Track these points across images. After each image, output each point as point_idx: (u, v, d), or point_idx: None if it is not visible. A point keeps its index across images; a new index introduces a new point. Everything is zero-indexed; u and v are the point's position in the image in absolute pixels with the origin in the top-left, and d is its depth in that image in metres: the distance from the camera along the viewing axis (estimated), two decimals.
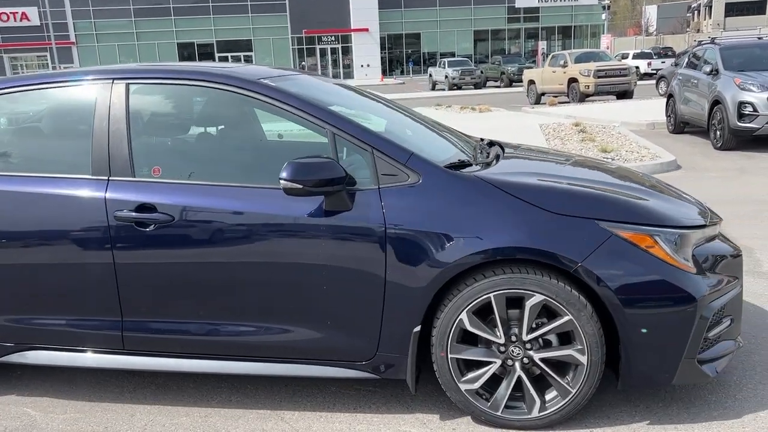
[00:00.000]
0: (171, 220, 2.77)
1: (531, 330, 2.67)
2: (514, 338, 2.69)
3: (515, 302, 2.65)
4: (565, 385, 2.67)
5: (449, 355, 2.72)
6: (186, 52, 47.83)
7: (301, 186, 2.56)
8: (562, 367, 2.70)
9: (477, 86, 33.70)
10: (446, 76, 33.55)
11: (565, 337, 2.68)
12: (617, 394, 2.97)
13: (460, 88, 33.67)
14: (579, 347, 2.63)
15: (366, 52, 48.40)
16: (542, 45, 46.62)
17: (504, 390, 2.73)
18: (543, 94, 22.43)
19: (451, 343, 2.70)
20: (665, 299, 2.60)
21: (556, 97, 21.41)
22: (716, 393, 2.98)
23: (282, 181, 2.57)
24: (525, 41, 52.35)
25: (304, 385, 3.15)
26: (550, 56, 23.88)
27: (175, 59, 47.26)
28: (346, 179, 2.67)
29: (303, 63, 48.22)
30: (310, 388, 3.14)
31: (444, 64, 34.41)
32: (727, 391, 2.99)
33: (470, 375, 2.74)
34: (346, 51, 49.43)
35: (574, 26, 52.34)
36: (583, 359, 2.63)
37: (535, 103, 22.10)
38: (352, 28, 47.95)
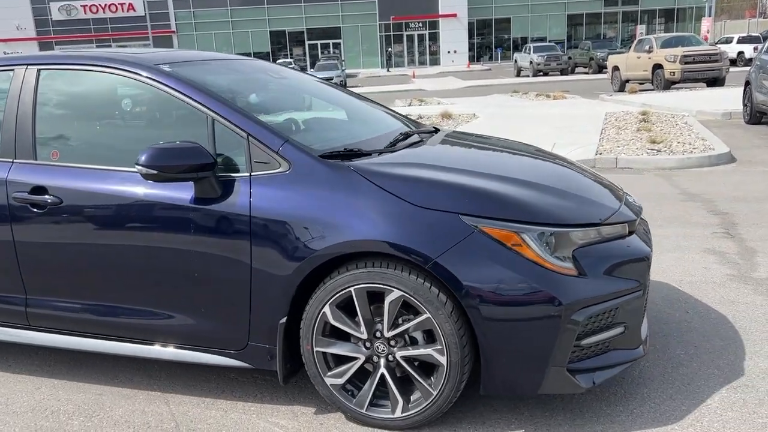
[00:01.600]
0: (60, 202, 2.85)
1: (392, 327, 2.55)
2: (378, 334, 2.58)
3: (378, 297, 2.54)
4: (427, 386, 2.54)
5: (315, 349, 2.65)
6: (278, 40, 49.08)
7: (155, 172, 2.56)
8: (428, 367, 2.58)
9: (563, 72, 32.59)
10: (531, 62, 32.64)
11: (430, 336, 2.54)
12: (506, 400, 2.80)
13: (546, 74, 32.69)
14: (438, 347, 2.49)
15: (453, 38, 47.80)
16: (641, 29, 44.31)
17: (368, 387, 2.63)
18: (627, 81, 21.31)
19: (316, 336, 2.63)
20: (528, 302, 2.40)
21: (641, 84, 20.36)
22: (615, 404, 2.74)
23: (137, 167, 2.57)
24: (622, 25, 49.89)
25: (201, 372, 3.17)
26: (636, 41, 22.66)
27: (267, 47, 48.67)
28: (215, 165, 2.64)
29: (389, 49, 48.28)
30: (207, 374, 3.16)
31: (529, 50, 33.48)
32: (626, 404, 2.75)
33: (337, 370, 2.66)
34: (434, 37, 49.01)
35: (677, 9, 49.33)
36: (443, 360, 2.49)
37: (619, 91, 21.05)
38: (440, 13, 47.45)
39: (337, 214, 2.53)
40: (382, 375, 2.60)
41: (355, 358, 2.63)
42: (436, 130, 3.74)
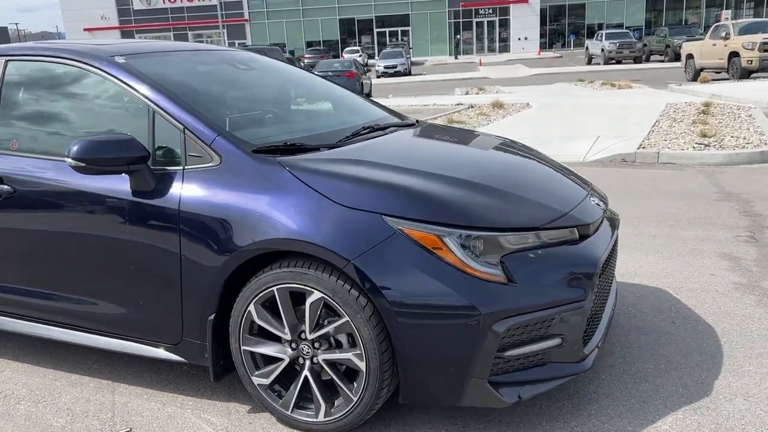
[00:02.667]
0: (13, 192, 2.92)
1: (315, 329, 2.48)
2: (304, 336, 2.52)
3: (303, 298, 2.47)
4: (348, 391, 2.46)
5: (242, 347, 2.61)
6: (347, 27, 49.32)
7: (84, 164, 2.56)
8: (353, 372, 2.49)
9: (637, 60, 31.27)
10: (602, 50, 31.50)
11: (353, 340, 2.45)
12: (442, 409, 2.68)
13: (619, 62, 31.45)
14: (358, 352, 2.39)
15: (524, 25, 46.66)
16: (726, 14, 41.90)
17: (293, 389, 2.57)
18: (702, 69, 20.21)
19: (243, 334, 2.59)
20: (445, 309, 2.27)
21: (717, 73, 19.29)
22: (557, 419, 2.57)
23: (67, 159, 2.59)
24: (706, 11, 47.32)
25: (155, 364, 3.19)
26: (711, 27, 21.43)
27: (336, 35, 48.99)
28: (148, 158, 2.63)
29: (458, 37, 47.63)
30: (160, 366, 3.18)
31: (601, 37, 32.28)
32: (569, 420, 2.57)
33: (264, 369, 2.61)
34: (504, 24, 47.99)
35: None
36: (362, 365, 2.39)
37: (692, 80, 20.01)
38: None
39: (261, 210, 2.47)
40: (306, 377, 2.53)
41: (281, 359, 2.57)
42: (413, 124, 3.62)
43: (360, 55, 42.74)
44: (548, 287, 2.41)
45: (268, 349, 2.58)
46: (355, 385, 2.45)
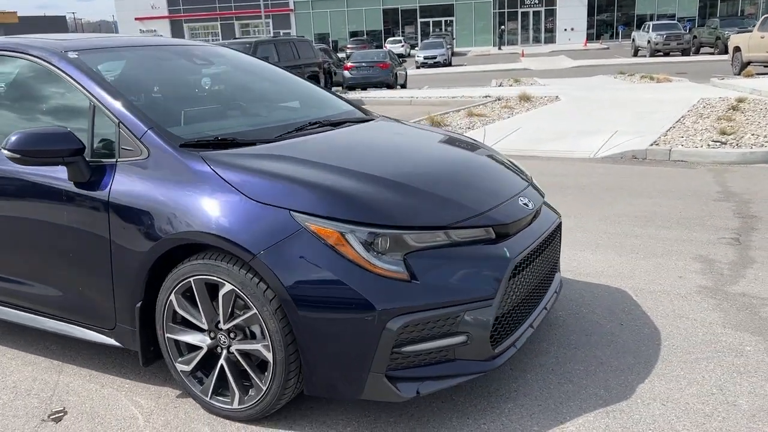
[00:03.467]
0: None
1: (228, 320, 2.56)
2: (220, 326, 2.60)
3: (217, 289, 2.55)
4: (258, 381, 2.54)
5: (166, 335, 2.72)
6: (391, 17, 49.24)
7: (19, 156, 2.69)
8: (264, 362, 2.56)
9: (685, 53, 30.32)
10: (649, 41, 30.62)
11: (262, 332, 2.52)
12: (360, 401, 2.73)
13: (667, 55, 30.57)
14: (266, 343, 2.47)
15: (571, 15, 45.72)
16: None
17: (212, 376, 2.66)
18: (749, 63, 19.50)
19: (167, 322, 2.70)
20: (343, 305, 2.32)
21: (766, 66, 18.55)
22: (467, 416, 2.59)
23: (3, 151, 2.72)
24: (765, 2, 45.43)
25: (103, 348, 3.32)
26: (761, 19, 20.61)
27: (380, 25, 48.96)
28: (83, 151, 2.75)
29: (502, 27, 47.00)
30: (110, 349, 3.31)
31: (648, 28, 31.39)
32: (478, 418, 2.58)
33: (185, 357, 2.71)
34: (550, 14, 47.11)
35: None
36: (269, 356, 2.47)
37: (739, 74, 19.31)
38: None
39: (179, 203, 2.57)
40: (222, 366, 2.62)
41: (201, 348, 2.66)
42: (369, 120, 3.66)
43: (402, 45, 42.72)
44: (453, 285, 2.43)
45: (189, 338, 2.68)
46: (265, 376, 2.52)
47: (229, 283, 2.48)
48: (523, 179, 3.15)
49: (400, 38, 43.88)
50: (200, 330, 2.66)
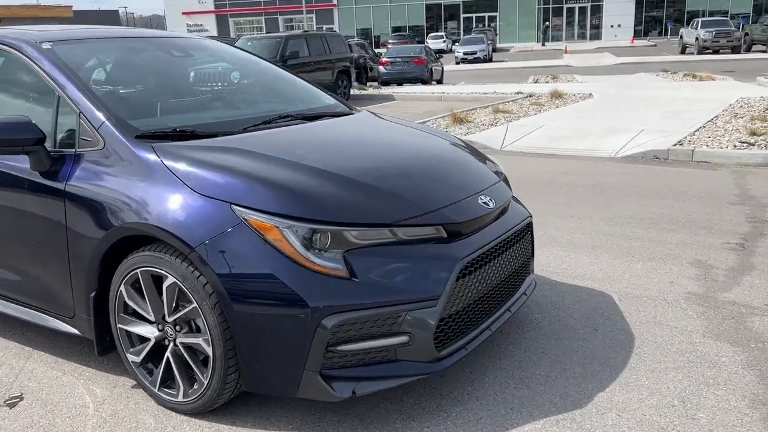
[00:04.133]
0: None
1: (172, 312, 2.56)
2: (166, 319, 2.60)
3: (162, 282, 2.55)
4: (200, 374, 2.53)
5: (117, 325, 2.73)
6: (433, 13, 48.95)
7: None
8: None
9: (735, 50, 29.30)
10: (697, 39, 29.70)
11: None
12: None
13: (716, 52, 29.62)
14: (206, 337, 2.45)
15: (618, 11, 44.64)
16: None
17: (159, 368, 2.66)
18: None
19: (118, 313, 2.71)
20: (277, 300, 2.28)
21: None
22: (407, 420, 2.53)
23: None
24: None
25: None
26: None
27: (422, 20, 48.76)
28: (44, 141, 2.78)
29: (546, 23, 46.21)
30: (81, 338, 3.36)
31: (696, 25, 30.44)
32: (412, 420, 2.52)
33: (136, 347, 2.72)
34: (597, 10, 46.08)
35: None
36: (209, 351, 2.45)
37: None
38: None
39: (128, 194, 2.57)
40: (168, 358, 2.62)
41: (149, 339, 2.67)
42: (346, 114, 3.61)
43: (444, 41, 42.46)
44: (394, 285, 2.38)
45: (139, 329, 2.69)
46: (206, 370, 2.51)
47: (171, 275, 2.47)
48: (491, 177, 3.07)
49: (442, 34, 43.61)
50: (149, 321, 2.66)
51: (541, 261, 4.27)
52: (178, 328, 2.58)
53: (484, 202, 2.79)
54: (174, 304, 2.54)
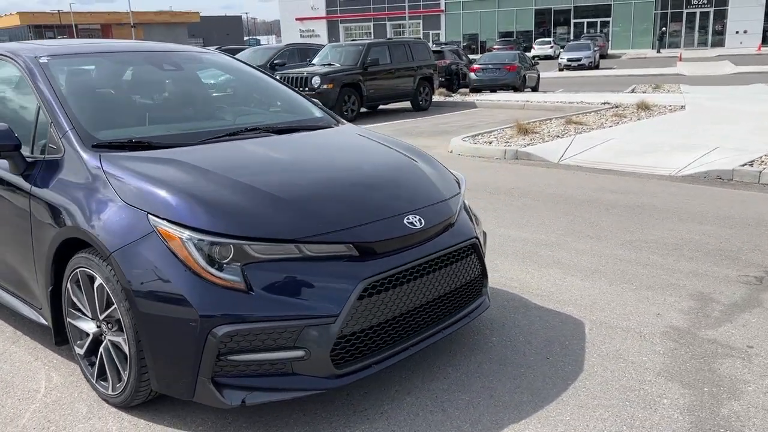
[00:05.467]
0: None
1: (102, 311, 2.74)
2: (99, 316, 2.79)
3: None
4: (122, 371, 2.69)
5: (66, 319, 2.96)
6: (543, 18, 47.83)
7: None
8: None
9: None
10: None
11: None
12: None
13: None
14: (125, 337, 2.62)
15: (745, 16, 41.58)
16: None
17: (97, 361, 2.86)
18: None
19: (67, 307, 2.94)
20: (173, 307, 2.40)
21: None
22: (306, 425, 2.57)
23: None
24: None
25: None
26: None
27: (531, 26, 47.79)
28: (19, 147, 3.06)
29: (663, 29, 43.85)
30: None
31: None
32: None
33: (81, 341, 2.94)
34: (720, 15, 43.17)
35: None
36: (127, 350, 2.62)
37: None
38: None
39: (72, 199, 2.80)
40: (101, 353, 2.81)
41: (89, 334, 2.87)
42: (321, 128, 3.69)
43: (551, 47, 41.44)
44: (292, 300, 2.43)
45: (82, 324, 2.90)
46: (126, 367, 2.67)
47: (99, 277, 2.66)
48: (433, 196, 3.03)
49: (549, 39, 42.53)
50: (89, 318, 2.87)
51: (533, 282, 4.15)
52: (109, 326, 2.76)
53: (410, 222, 2.78)
54: (103, 304, 2.73)
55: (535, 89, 22.08)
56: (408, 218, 2.79)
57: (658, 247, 4.81)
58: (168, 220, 2.50)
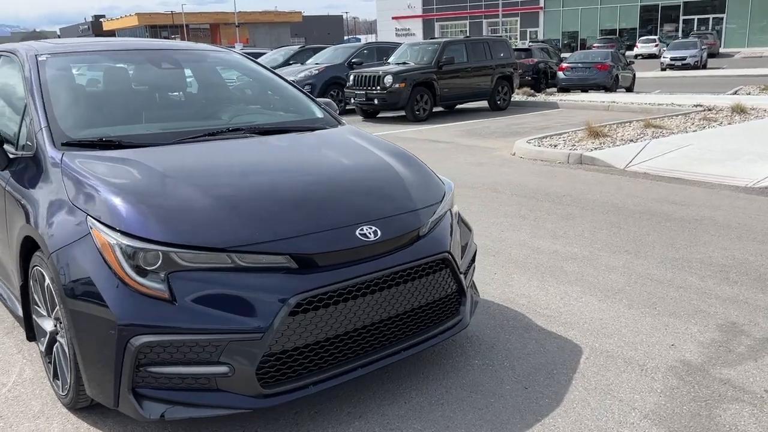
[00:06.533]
0: None
1: (52, 311, 2.72)
2: (51, 316, 2.77)
3: None
4: (67, 372, 2.66)
5: (33, 316, 2.98)
6: (648, 15, 45.40)
7: None
8: None
9: None
10: None
11: None
12: None
13: None
14: (67, 338, 2.58)
15: None
16: None
17: (53, 360, 2.85)
18: None
19: (32, 305, 2.95)
20: (96, 312, 2.32)
21: None
22: None
23: None
24: None
25: None
26: None
27: (635, 23, 45.55)
28: (2, 143, 3.11)
29: None
30: None
31: None
32: None
33: (42, 338, 2.94)
34: None
35: None
36: (68, 352, 2.58)
37: None
38: None
39: (31, 197, 2.80)
40: (55, 351, 2.79)
41: (47, 332, 2.87)
42: (315, 128, 3.54)
43: (656, 45, 39.42)
44: (217, 313, 2.30)
45: (43, 322, 2.90)
46: (69, 369, 2.63)
47: (47, 276, 2.63)
48: (401, 206, 2.81)
49: (654, 37, 40.35)
50: (47, 316, 2.86)
51: (543, 300, 3.82)
52: (60, 326, 2.73)
53: (362, 234, 2.57)
54: (53, 304, 2.70)
55: (629, 90, 20.98)
56: (362, 229, 2.59)
57: (701, 267, 4.32)
58: (102, 223, 2.43)
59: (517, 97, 17.12)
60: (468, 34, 47.29)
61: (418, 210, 2.85)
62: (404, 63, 14.30)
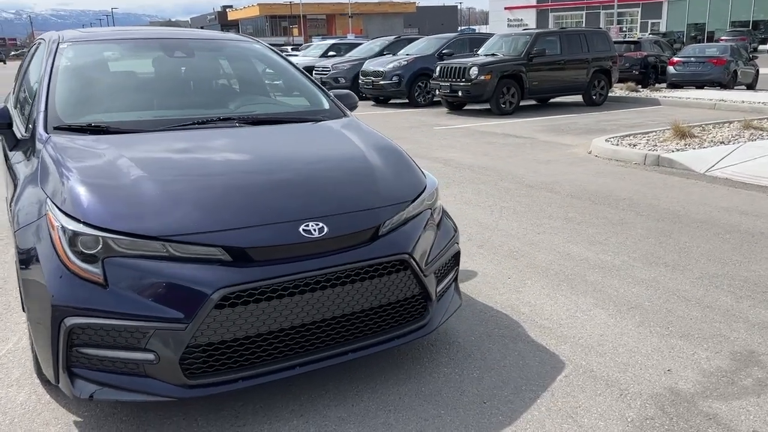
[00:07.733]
0: None
1: None
2: None
3: None
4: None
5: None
6: None
7: None
8: None
9: None
10: None
11: None
12: None
13: None
14: None
15: None
16: None
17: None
18: None
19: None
20: (40, 293, 2.39)
21: None
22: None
23: None
24: None
25: None
26: None
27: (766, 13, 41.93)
28: (11, 126, 3.31)
29: None
30: None
31: None
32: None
33: None
34: None
35: None
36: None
37: None
38: None
39: (17, 179, 2.97)
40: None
41: None
42: (315, 120, 3.50)
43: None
44: (144, 300, 2.32)
45: None
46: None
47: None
48: (362, 202, 2.71)
49: None
50: None
51: (547, 310, 3.58)
52: None
53: (306, 230, 2.50)
54: None
55: (750, 87, 19.33)
56: (307, 225, 2.52)
57: (743, 286, 3.88)
58: (55, 205, 2.51)
59: (618, 92, 16.25)
60: (585, 26, 45.39)
61: (380, 208, 2.74)
62: (493, 54, 13.93)
